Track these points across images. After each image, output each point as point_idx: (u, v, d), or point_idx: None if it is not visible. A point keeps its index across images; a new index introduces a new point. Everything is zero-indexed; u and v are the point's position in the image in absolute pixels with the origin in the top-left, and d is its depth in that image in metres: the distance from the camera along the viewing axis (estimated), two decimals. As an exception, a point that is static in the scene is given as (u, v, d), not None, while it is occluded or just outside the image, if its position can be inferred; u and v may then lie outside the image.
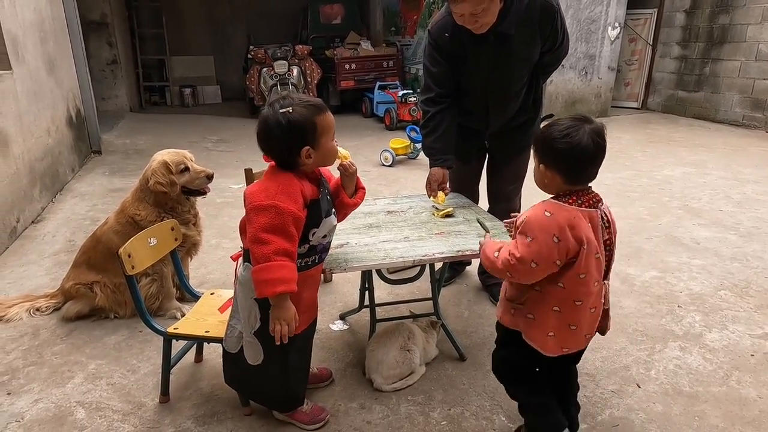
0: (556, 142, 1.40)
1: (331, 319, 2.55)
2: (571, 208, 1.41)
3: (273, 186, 1.48)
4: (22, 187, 3.76)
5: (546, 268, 1.41)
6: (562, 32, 2.17)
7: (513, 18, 2.05)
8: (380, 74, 8.79)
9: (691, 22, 8.10)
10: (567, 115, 1.47)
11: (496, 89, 2.27)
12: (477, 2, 1.91)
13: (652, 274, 2.99)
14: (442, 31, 2.18)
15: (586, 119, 1.43)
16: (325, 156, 1.57)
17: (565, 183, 1.44)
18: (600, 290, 1.50)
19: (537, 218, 1.40)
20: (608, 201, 1.57)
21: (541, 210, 1.42)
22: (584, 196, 1.44)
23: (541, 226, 1.39)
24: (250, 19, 11.49)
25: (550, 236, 1.37)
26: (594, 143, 1.39)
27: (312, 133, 1.49)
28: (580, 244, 1.39)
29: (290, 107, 1.48)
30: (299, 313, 1.66)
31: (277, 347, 1.64)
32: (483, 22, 2.00)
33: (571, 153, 1.39)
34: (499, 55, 2.14)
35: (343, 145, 1.65)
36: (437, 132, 2.31)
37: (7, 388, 2.07)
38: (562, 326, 1.49)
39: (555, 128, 1.42)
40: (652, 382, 2.07)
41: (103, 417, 1.91)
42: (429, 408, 1.93)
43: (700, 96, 8.07)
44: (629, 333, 2.39)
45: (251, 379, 1.76)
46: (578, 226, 1.39)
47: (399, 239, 1.98)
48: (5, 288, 2.89)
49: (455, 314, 2.58)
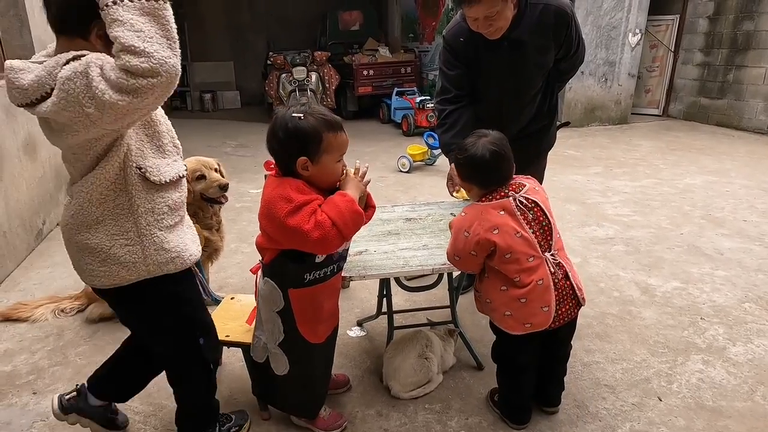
0: (460, 159, 1.72)
1: (348, 325, 2.56)
2: (480, 205, 1.67)
3: (282, 191, 1.43)
4: (48, 190, 3.86)
5: (468, 259, 1.68)
6: (577, 39, 2.17)
7: (526, 24, 2.06)
8: (398, 80, 8.82)
9: (714, 29, 7.98)
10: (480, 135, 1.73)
11: (511, 95, 2.27)
12: (491, 4, 1.91)
13: (674, 284, 2.94)
14: (456, 36, 2.20)
15: (484, 134, 1.70)
16: (324, 175, 1.49)
17: (480, 188, 1.70)
18: (541, 263, 1.65)
19: (456, 220, 1.72)
20: (628, 209, 1.61)
21: (461, 213, 1.72)
22: (496, 193, 1.67)
23: (455, 225, 1.70)
24: (270, 26, 11.63)
25: (462, 232, 1.66)
26: (490, 152, 1.64)
27: (315, 145, 1.43)
28: (489, 232, 1.60)
29: (303, 114, 1.44)
30: (321, 323, 1.69)
31: (302, 357, 1.68)
32: (497, 26, 2.00)
33: (472, 164, 1.67)
34: (513, 61, 2.15)
35: (361, 150, 1.66)
36: (456, 128, 2.28)
37: (33, 387, 2.12)
38: (512, 302, 1.66)
39: (460, 147, 1.72)
40: (674, 395, 2.03)
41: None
42: (446, 417, 1.93)
43: (723, 103, 7.93)
44: (650, 344, 2.36)
45: (277, 388, 1.78)
46: (486, 218, 1.62)
47: (418, 247, 1.99)
48: (31, 289, 2.97)
49: (472, 322, 2.57)
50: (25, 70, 1.22)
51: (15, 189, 3.29)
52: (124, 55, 1.09)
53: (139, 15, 1.10)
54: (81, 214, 1.34)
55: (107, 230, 1.34)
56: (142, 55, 1.08)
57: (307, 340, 1.67)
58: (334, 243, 1.45)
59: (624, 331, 2.47)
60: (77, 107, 1.13)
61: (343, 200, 1.46)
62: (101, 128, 1.20)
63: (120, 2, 1.09)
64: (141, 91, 1.11)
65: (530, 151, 2.47)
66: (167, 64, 1.11)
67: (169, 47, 1.12)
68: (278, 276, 1.59)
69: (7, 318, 2.58)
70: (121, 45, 1.09)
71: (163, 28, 1.12)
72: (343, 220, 1.43)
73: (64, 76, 1.14)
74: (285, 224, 1.41)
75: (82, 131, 1.20)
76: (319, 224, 1.40)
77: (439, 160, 5.75)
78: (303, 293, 1.60)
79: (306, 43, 10.40)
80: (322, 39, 10.42)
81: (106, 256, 1.35)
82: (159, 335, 1.56)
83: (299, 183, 1.46)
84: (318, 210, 1.43)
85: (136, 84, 1.09)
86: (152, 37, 1.10)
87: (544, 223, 1.67)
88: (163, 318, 1.52)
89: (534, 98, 2.29)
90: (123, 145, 1.28)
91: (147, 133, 1.35)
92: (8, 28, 3.76)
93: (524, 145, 2.45)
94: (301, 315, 1.64)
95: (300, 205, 1.41)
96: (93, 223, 1.34)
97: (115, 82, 1.10)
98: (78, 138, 1.23)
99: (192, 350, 1.59)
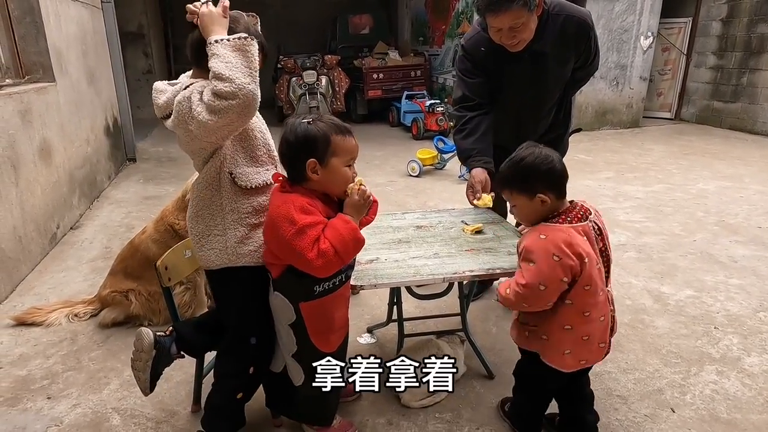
0: (542, 166, 1.53)
1: (358, 332, 2.56)
2: (563, 227, 1.51)
3: (285, 210, 1.44)
4: (62, 194, 3.91)
5: (555, 288, 1.48)
6: (595, 49, 2.16)
7: (549, 36, 2.04)
8: (408, 84, 8.83)
9: (727, 32, 7.90)
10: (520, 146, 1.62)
11: (529, 107, 2.26)
12: (516, 15, 1.88)
13: (687, 293, 2.91)
14: (477, 46, 2.17)
15: (536, 144, 1.59)
16: (332, 179, 1.51)
17: (556, 200, 1.55)
18: (606, 298, 1.59)
19: (534, 243, 1.50)
20: (640, 215, 1.62)
21: (536, 235, 1.51)
22: (571, 213, 1.54)
23: (539, 249, 1.48)
24: (281, 30, 11.68)
25: (550, 256, 1.46)
26: (558, 158, 1.55)
27: (323, 147, 1.46)
28: (580, 259, 1.47)
29: (312, 120, 1.49)
30: (333, 333, 1.69)
31: (316, 368, 1.67)
32: (521, 38, 1.98)
33: (557, 169, 1.53)
34: (533, 74, 2.13)
35: (371, 154, 1.66)
36: (477, 133, 2.25)
37: (47, 392, 2.15)
38: (577, 341, 1.57)
39: (528, 159, 1.54)
40: (687, 407, 2.01)
41: (137, 424, 1.96)
42: (457, 426, 1.93)
43: (736, 107, 7.84)
44: (663, 354, 2.34)
45: (294, 398, 1.78)
46: (575, 242, 1.47)
47: (429, 255, 1.99)
48: (46, 293, 3.00)
49: (483, 330, 2.56)
50: (162, 91, 1.56)
51: (30, 194, 3.33)
52: (214, 81, 1.36)
53: (231, 51, 1.38)
54: (193, 207, 1.63)
55: (206, 222, 1.61)
56: (227, 81, 1.34)
57: (321, 350, 1.68)
58: (335, 268, 1.50)
59: (636, 341, 2.45)
60: (184, 124, 1.43)
61: (347, 228, 1.48)
62: (200, 140, 1.47)
63: (220, 41, 1.39)
64: (223, 111, 1.36)
65: None
66: (246, 88, 1.36)
67: (250, 75, 1.38)
68: (288, 290, 1.60)
69: (22, 322, 2.62)
70: (213, 73, 1.36)
71: (247, 60, 1.39)
72: (345, 249, 1.46)
73: (178, 100, 1.44)
74: (289, 247, 1.44)
75: (190, 143, 1.50)
76: (322, 253, 1.42)
77: (448, 165, 5.74)
78: (314, 305, 1.60)
79: (316, 47, 10.45)
80: (332, 43, 10.46)
81: (204, 243, 1.62)
82: (228, 312, 1.76)
83: (303, 201, 1.47)
84: (321, 237, 1.44)
85: (220, 105, 1.35)
86: (237, 67, 1.36)
87: (604, 254, 1.59)
88: (234, 303, 1.71)
89: (551, 108, 2.29)
90: (221, 154, 1.53)
91: (242, 145, 1.58)
92: (25, 34, 3.81)
93: None
94: (314, 327, 1.64)
95: (303, 228, 1.42)
96: (198, 215, 1.62)
97: (207, 104, 1.36)
98: (191, 147, 1.53)
99: (243, 344, 1.71)
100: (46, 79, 3.92)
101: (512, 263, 1.88)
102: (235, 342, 1.72)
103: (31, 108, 3.46)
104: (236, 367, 1.72)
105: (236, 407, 1.75)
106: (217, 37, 1.40)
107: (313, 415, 1.84)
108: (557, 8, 2.04)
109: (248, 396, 1.77)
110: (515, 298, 1.53)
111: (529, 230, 1.58)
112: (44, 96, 3.74)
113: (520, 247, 1.57)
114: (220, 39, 1.39)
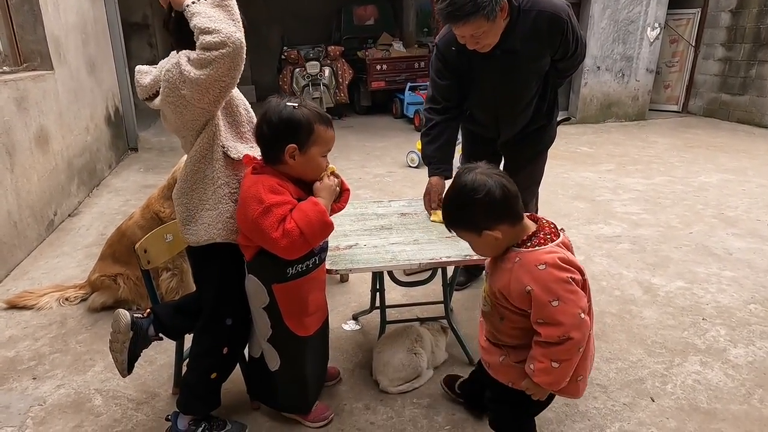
0: (479, 203, 1.31)
1: (344, 318, 2.57)
2: (549, 247, 1.33)
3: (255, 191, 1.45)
4: (60, 182, 3.95)
5: (588, 310, 1.32)
6: (575, 40, 2.11)
7: (519, 32, 2.02)
8: (411, 75, 8.77)
9: (737, 23, 7.76)
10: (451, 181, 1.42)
11: (505, 102, 2.26)
12: (477, 26, 1.90)
13: (678, 284, 2.89)
14: (449, 45, 2.17)
15: (469, 168, 1.37)
16: (308, 166, 1.52)
17: (512, 228, 1.35)
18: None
19: (542, 280, 1.28)
20: (638, 207, 1.57)
21: (534, 271, 1.29)
22: (542, 232, 1.36)
23: (554, 283, 1.27)
24: (285, 20, 11.67)
25: (567, 282, 1.27)
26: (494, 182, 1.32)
27: (306, 134, 1.47)
28: (581, 273, 1.34)
29: (298, 104, 1.48)
30: (306, 316, 1.69)
31: (292, 351, 1.69)
32: (484, 43, 1.99)
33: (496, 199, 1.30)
34: (506, 70, 2.13)
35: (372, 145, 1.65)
36: (438, 141, 2.32)
37: (33, 373, 2.18)
38: (585, 362, 1.42)
39: (460, 198, 1.34)
40: (667, 396, 2.00)
41: (118, 405, 1.99)
42: (433, 412, 1.93)
43: (745, 99, 7.71)
44: (647, 345, 2.32)
45: (271, 385, 1.78)
46: (569, 257, 1.32)
47: (408, 242, 1.99)
48: (39, 278, 3.04)
49: (468, 318, 2.56)
50: (147, 72, 1.59)
51: (26, 180, 3.37)
52: (201, 36, 1.38)
53: (211, 7, 1.41)
54: (185, 182, 1.62)
55: (198, 195, 1.61)
56: (214, 32, 1.37)
57: (296, 334, 1.68)
58: (301, 250, 1.49)
59: (622, 331, 2.43)
60: (175, 91, 1.44)
61: (315, 210, 1.47)
62: (192, 106, 1.47)
63: (195, 1, 1.41)
64: (215, 62, 1.38)
65: (528, 151, 2.46)
66: (233, 36, 1.38)
67: (234, 25, 1.41)
68: (261, 272, 1.60)
69: (13, 305, 2.66)
70: (198, 29, 1.38)
71: (228, 13, 1.42)
72: (311, 231, 1.45)
73: (166, 69, 1.47)
74: (255, 226, 1.44)
75: (182, 112, 1.49)
76: (287, 233, 1.42)
77: (448, 156, 5.72)
78: (287, 287, 1.61)
79: (321, 38, 10.42)
80: (336, 34, 10.43)
81: (195, 217, 1.62)
82: (207, 291, 1.75)
83: (273, 181, 1.47)
84: (288, 217, 1.44)
85: (210, 56, 1.37)
86: (221, 19, 1.40)
87: None
88: (213, 281, 1.72)
89: (530, 102, 2.26)
90: (213, 125, 1.54)
91: (229, 120, 1.62)
92: (23, 22, 3.84)
93: (522, 145, 2.44)
94: (287, 309, 1.64)
95: (270, 207, 1.42)
96: (189, 190, 1.62)
97: (196, 59, 1.39)
98: (181, 119, 1.52)
99: (218, 324, 1.72)
100: (43, 67, 3.95)
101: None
102: (210, 321, 1.73)
103: (27, 95, 3.49)
104: (211, 347, 1.74)
105: (211, 387, 1.76)
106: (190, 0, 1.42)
107: (293, 403, 1.84)
108: (529, 3, 2.01)
109: (223, 377, 1.78)
110: (570, 354, 1.29)
111: (520, 271, 1.32)
112: (41, 84, 3.77)
113: (512, 294, 1.33)
114: (196, 0, 1.42)
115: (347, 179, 1.73)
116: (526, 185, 2.52)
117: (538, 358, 1.33)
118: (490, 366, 1.55)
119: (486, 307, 1.51)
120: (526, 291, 1.30)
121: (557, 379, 1.33)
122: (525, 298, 1.31)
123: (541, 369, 1.33)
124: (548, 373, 1.32)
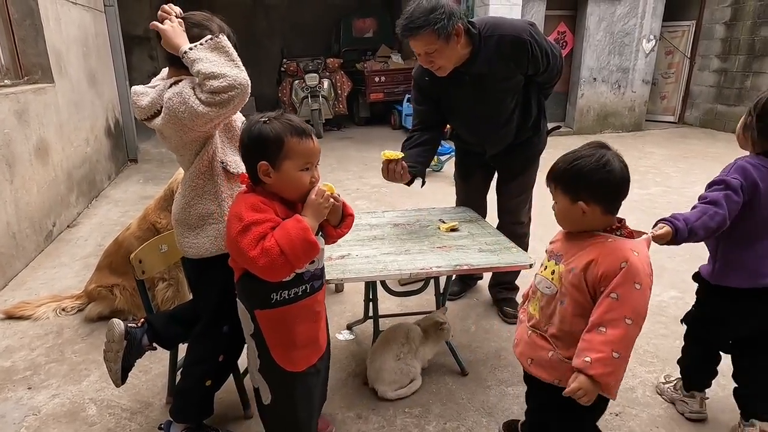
0: (595, 174, 1.30)
1: (338, 328, 2.59)
2: (641, 240, 1.34)
3: (237, 209, 1.39)
4: (59, 192, 3.99)
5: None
6: (545, 55, 2.14)
7: (484, 57, 2.10)
8: (409, 87, 8.81)
9: (731, 35, 7.85)
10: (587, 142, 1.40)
11: (484, 121, 2.35)
12: (428, 41, 1.97)
13: (671, 294, 2.90)
14: (422, 75, 2.28)
15: (605, 145, 1.36)
16: (286, 182, 1.39)
17: (602, 215, 1.34)
18: None
19: (634, 263, 1.26)
20: (633, 217, 1.57)
21: (629, 253, 1.28)
22: (626, 230, 1.36)
23: (642, 269, 1.26)
24: (286, 33, 11.79)
25: (650, 276, 1.29)
26: (622, 168, 1.33)
27: (275, 149, 1.36)
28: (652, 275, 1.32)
29: (269, 119, 1.38)
30: (295, 349, 1.52)
31: (280, 387, 1.54)
32: (439, 64, 2.06)
33: (612, 181, 1.30)
34: (476, 94, 2.22)
35: (371, 157, 1.67)
36: (415, 143, 2.39)
37: (29, 382, 2.20)
38: None
39: (585, 160, 1.32)
40: (658, 406, 2.01)
41: (112, 414, 2.00)
42: (425, 421, 1.94)
43: (740, 110, 7.77)
44: (639, 354, 2.33)
45: (264, 418, 1.66)
46: (648, 261, 1.31)
47: (400, 252, 2.01)
48: (37, 288, 3.07)
49: (462, 328, 2.57)
50: (144, 94, 1.62)
51: (26, 192, 3.41)
52: (207, 81, 1.45)
53: (209, 51, 1.48)
54: (185, 197, 1.66)
55: (201, 209, 1.66)
56: (220, 77, 1.44)
57: (283, 368, 1.50)
58: (283, 271, 1.37)
59: (614, 340, 2.44)
60: (176, 118, 1.49)
61: (296, 227, 1.35)
62: (194, 131, 1.54)
63: (192, 48, 1.48)
64: (225, 103, 1.46)
65: (518, 161, 2.51)
66: (239, 77, 1.47)
67: (236, 66, 1.49)
68: (245, 295, 1.50)
69: (10, 316, 2.68)
70: (203, 75, 1.45)
71: (226, 55, 1.50)
72: (292, 250, 1.33)
73: (168, 97, 1.51)
74: (235, 245, 1.35)
75: (182, 136, 1.55)
76: (265, 251, 1.31)
77: (445, 167, 5.76)
78: (270, 315, 1.46)
79: (320, 50, 10.52)
80: (335, 46, 10.54)
81: (199, 232, 1.66)
82: (207, 298, 1.78)
83: (257, 200, 1.39)
84: (268, 235, 1.33)
85: (220, 99, 1.45)
86: (223, 63, 1.47)
87: None
88: (214, 288, 1.72)
89: (510, 118, 2.32)
90: (211, 143, 1.61)
91: (227, 136, 1.68)
92: (24, 36, 3.91)
93: (511, 157, 2.49)
94: (272, 339, 1.49)
95: (248, 225, 1.33)
96: (191, 205, 1.66)
97: (205, 100, 1.45)
98: (181, 140, 1.57)
99: (216, 330, 1.75)
100: (44, 80, 4.01)
101: (480, 260, 1.90)
102: (208, 328, 1.76)
103: (27, 108, 3.54)
104: (207, 353, 1.75)
105: (205, 394, 1.78)
106: (186, 47, 1.49)
107: None
108: (489, 30, 2.08)
109: (217, 384, 1.80)
110: (628, 347, 1.26)
111: (600, 244, 1.32)
112: (42, 96, 3.82)
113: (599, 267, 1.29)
114: (192, 47, 1.48)
115: (345, 190, 1.74)
116: (518, 193, 2.57)
117: (597, 348, 1.24)
118: (534, 362, 1.45)
119: (549, 290, 1.41)
120: (620, 266, 1.26)
121: (616, 370, 1.24)
122: (610, 274, 1.27)
123: (600, 359, 1.22)
124: (607, 364, 1.22)
